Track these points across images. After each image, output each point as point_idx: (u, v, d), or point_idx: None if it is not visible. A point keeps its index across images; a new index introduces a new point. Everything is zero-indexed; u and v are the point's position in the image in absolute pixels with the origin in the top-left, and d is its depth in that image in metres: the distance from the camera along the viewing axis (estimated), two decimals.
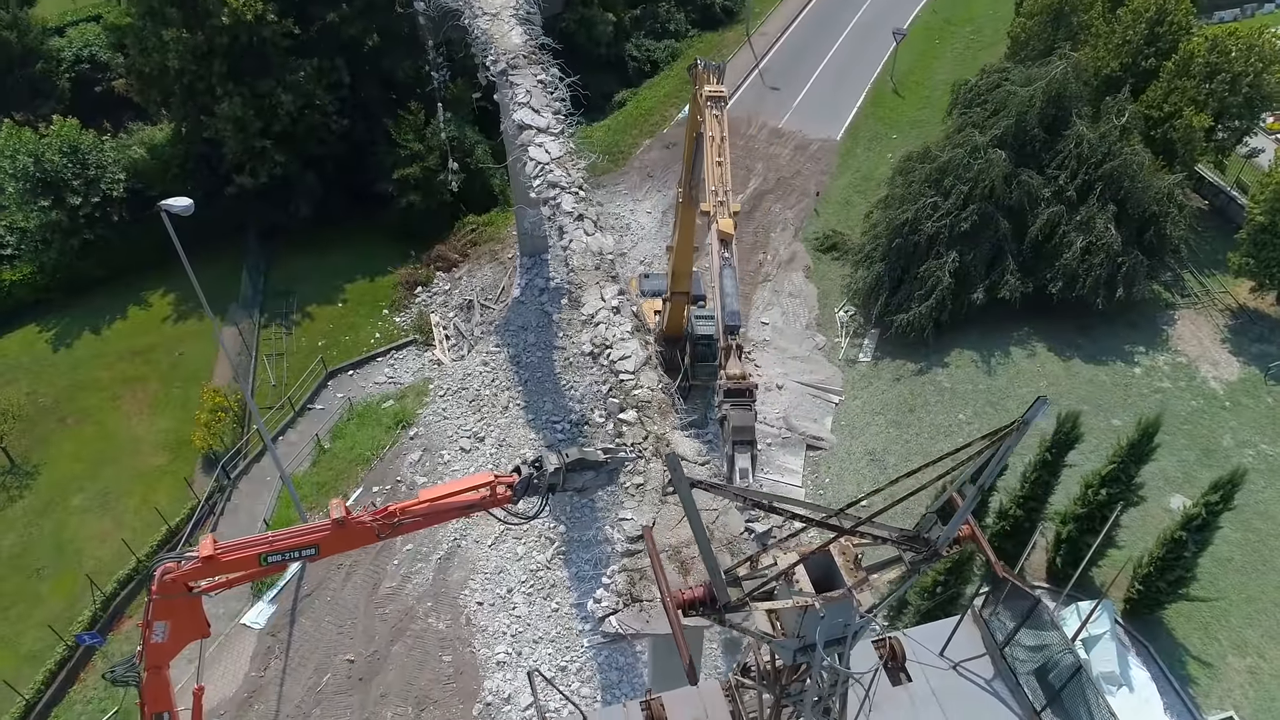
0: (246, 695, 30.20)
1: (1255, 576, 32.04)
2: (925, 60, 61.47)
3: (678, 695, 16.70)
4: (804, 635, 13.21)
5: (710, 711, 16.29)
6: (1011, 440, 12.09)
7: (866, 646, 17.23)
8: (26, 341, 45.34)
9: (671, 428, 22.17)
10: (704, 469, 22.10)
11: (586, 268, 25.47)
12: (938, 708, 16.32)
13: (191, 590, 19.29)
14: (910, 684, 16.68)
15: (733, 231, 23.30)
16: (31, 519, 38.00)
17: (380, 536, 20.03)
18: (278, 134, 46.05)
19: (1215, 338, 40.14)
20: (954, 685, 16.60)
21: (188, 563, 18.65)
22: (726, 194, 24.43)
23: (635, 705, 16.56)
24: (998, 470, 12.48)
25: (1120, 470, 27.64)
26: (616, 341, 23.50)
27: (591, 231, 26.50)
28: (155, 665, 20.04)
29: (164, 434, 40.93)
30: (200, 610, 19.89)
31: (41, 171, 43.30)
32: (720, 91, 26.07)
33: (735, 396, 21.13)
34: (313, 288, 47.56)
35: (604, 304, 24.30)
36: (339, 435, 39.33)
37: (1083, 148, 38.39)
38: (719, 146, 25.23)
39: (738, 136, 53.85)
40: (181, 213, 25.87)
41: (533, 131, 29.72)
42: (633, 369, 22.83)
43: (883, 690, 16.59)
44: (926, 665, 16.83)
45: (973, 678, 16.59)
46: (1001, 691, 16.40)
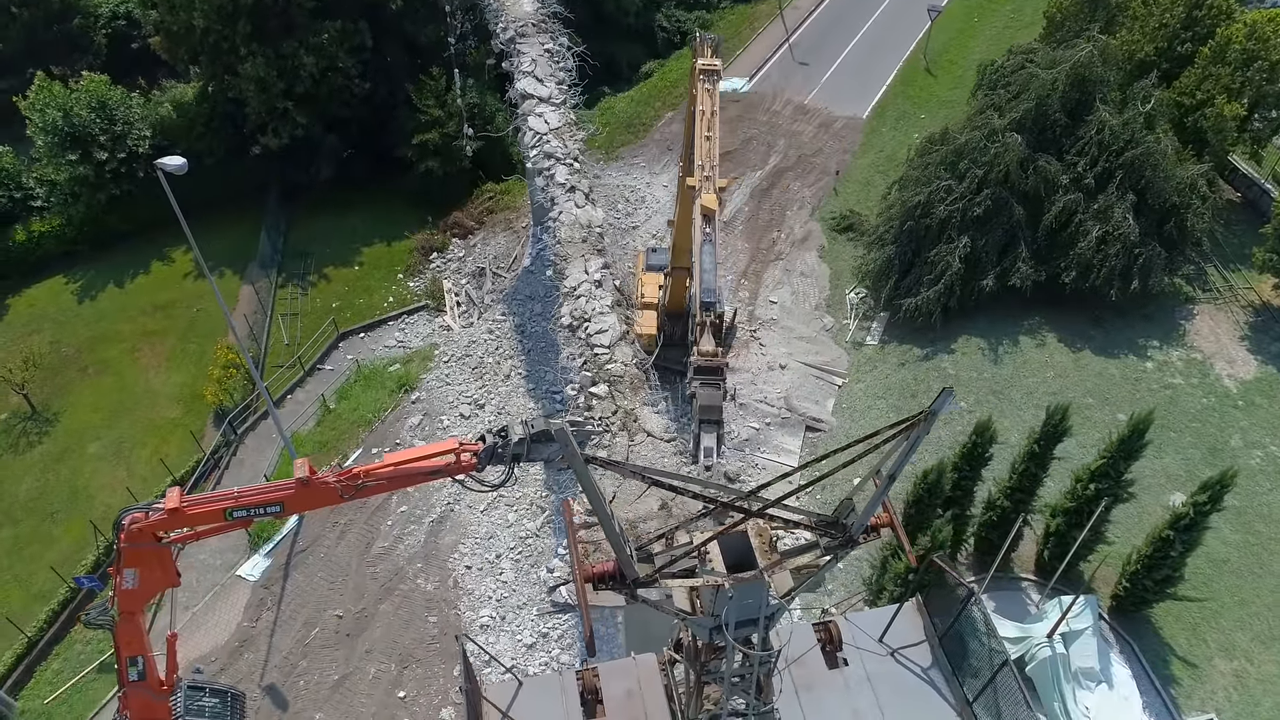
0: (238, 644, 31.07)
1: (1251, 579, 31.41)
2: (962, 39, 60.14)
3: (614, 666, 16.97)
4: (718, 614, 13.34)
5: (643, 683, 16.52)
6: (920, 430, 12.05)
7: (806, 629, 17.34)
8: (53, 292, 46.58)
9: (641, 403, 22.24)
10: (670, 445, 22.18)
11: (573, 240, 25.52)
12: (871, 692, 16.39)
13: (160, 540, 19.92)
14: (846, 668, 16.75)
15: (715, 207, 23.15)
16: (49, 464, 39.25)
17: (344, 498, 20.36)
18: (300, 95, 46.49)
19: (1234, 335, 39.12)
20: (891, 671, 16.65)
21: (155, 514, 19.23)
22: (713, 169, 24.25)
23: (571, 673, 16.85)
24: (907, 460, 12.43)
25: (1110, 466, 27.17)
26: (595, 315, 23.59)
27: (582, 204, 26.50)
28: (127, 611, 20.70)
29: (178, 388, 41.94)
30: (169, 560, 20.49)
31: (70, 126, 44.22)
32: (714, 65, 25.83)
33: (705, 374, 21.09)
34: (331, 249, 48.19)
35: (586, 277, 24.37)
36: (344, 396, 40.00)
37: (1104, 134, 37.40)
38: (709, 121, 25.03)
39: (761, 112, 53.44)
40: (176, 171, 26.31)
41: (534, 101, 29.73)
42: (608, 344, 22.93)
43: (818, 672, 16.73)
44: (865, 650, 16.86)
45: (910, 665, 16.61)
46: (937, 680, 16.40)
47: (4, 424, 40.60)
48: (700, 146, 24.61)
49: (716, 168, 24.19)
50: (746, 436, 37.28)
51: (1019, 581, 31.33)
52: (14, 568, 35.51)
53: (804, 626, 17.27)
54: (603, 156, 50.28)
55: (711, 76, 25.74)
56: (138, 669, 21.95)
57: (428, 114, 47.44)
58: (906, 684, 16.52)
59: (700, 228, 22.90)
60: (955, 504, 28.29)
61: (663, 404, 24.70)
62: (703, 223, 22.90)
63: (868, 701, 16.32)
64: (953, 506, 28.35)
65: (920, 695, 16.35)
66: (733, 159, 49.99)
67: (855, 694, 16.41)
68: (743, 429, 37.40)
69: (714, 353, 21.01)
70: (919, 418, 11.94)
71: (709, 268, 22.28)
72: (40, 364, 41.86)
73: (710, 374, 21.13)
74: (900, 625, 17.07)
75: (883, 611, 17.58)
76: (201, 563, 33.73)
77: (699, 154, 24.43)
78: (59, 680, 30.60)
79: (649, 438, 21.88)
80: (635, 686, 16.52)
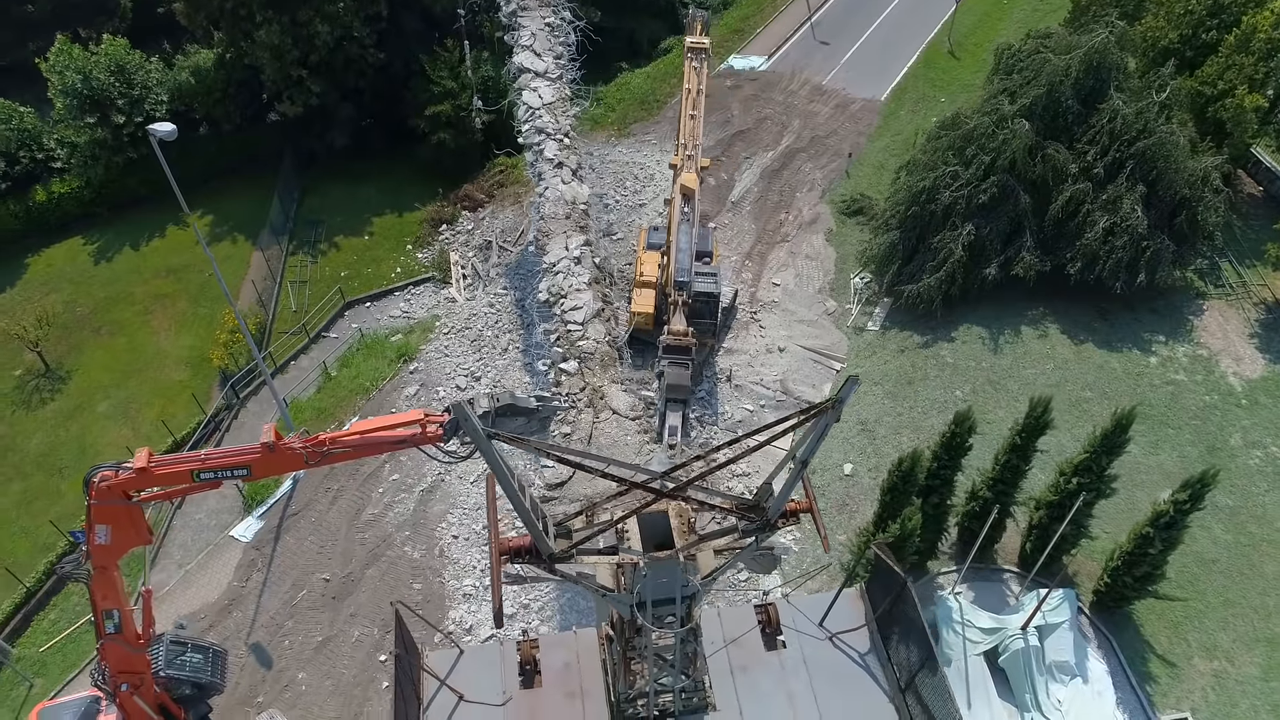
0: (227, 603, 31.82)
1: (1239, 580, 31.00)
2: (989, 22, 59.08)
3: (554, 639, 17.25)
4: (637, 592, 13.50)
5: (581, 657, 16.76)
6: (828, 418, 12.06)
7: (747, 610, 17.47)
8: (71, 253, 47.55)
9: (610, 381, 22.34)
10: (634, 424, 22.29)
11: (557, 216, 25.59)
12: (806, 675, 16.50)
13: (131, 499, 20.45)
14: (784, 650, 16.87)
15: (695, 187, 23.00)
16: (60, 421, 40.26)
17: (309, 464, 20.77)
18: (315, 64, 46.85)
19: (1243, 332, 38.36)
20: (827, 655, 16.75)
21: (124, 472, 19.73)
22: (696, 148, 24.10)
23: (511, 644, 17.13)
24: (818, 446, 12.45)
25: (1092, 460, 26.88)
26: (571, 292, 23.67)
27: (568, 180, 26.52)
28: (101, 565, 21.25)
29: (187, 350, 42.75)
30: (141, 518, 20.98)
31: (89, 89, 44.90)
32: (702, 44, 25.57)
33: (674, 353, 21.00)
34: (342, 218, 48.69)
35: (566, 254, 24.43)
36: (346, 364, 40.53)
37: (1116, 123, 36.65)
38: (694, 99, 24.84)
39: (777, 91, 52.97)
40: (166, 138, 26.69)
41: (530, 75, 29.71)
42: (582, 320, 23.01)
43: (755, 654, 16.88)
44: (804, 634, 16.96)
45: (847, 650, 16.67)
46: (872, 665, 16.46)
47: (18, 380, 41.66)
48: (684, 125, 24.49)
49: (699, 147, 24.05)
50: (740, 418, 37.25)
51: (1001, 573, 31.17)
52: (21, 520, 36.54)
53: (745, 608, 17.40)
54: (614, 133, 50.18)
55: (700, 55, 25.52)
56: (114, 622, 22.58)
57: (441, 86, 47.59)
58: (842, 668, 16.60)
59: (679, 207, 22.82)
60: (934, 493, 28.15)
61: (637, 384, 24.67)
62: (681, 202, 22.80)
63: (802, 684, 16.43)
64: (932, 495, 28.21)
65: (854, 680, 16.43)
66: (745, 139, 49.71)
67: (790, 676, 16.54)
68: (737, 410, 37.40)
69: (685, 332, 20.97)
70: (826, 405, 11.94)
71: (685, 247, 22.21)
72: (54, 323, 42.82)
73: (680, 353, 21.08)
74: (842, 611, 17.13)
75: (825, 597, 17.61)
76: (197, 522, 34.53)
77: (682, 132, 24.30)
78: (55, 630, 31.58)
79: (614, 415, 22.01)
80: (573, 659, 16.77)
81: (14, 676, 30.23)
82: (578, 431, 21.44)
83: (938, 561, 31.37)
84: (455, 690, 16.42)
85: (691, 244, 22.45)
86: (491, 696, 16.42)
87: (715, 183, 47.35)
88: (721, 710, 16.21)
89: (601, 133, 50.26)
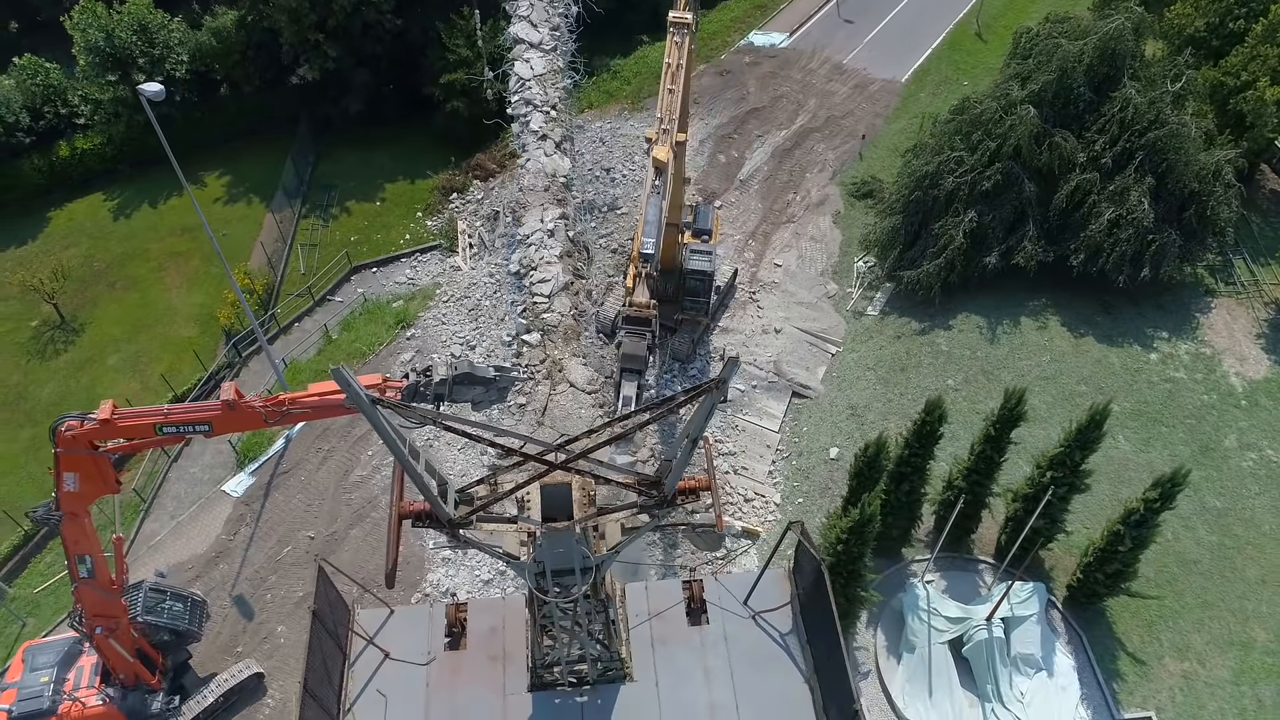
0: (214, 555, 32.73)
1: (1218, 582, 30.60)
2: (1020, 3, 57.91)
3: (483, 603, 17.61)
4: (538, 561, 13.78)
5: (508, 621, 17.11)
6: (711, 398, 12.16)
7: (675, 585, 17.70)
8: (92, 208, 48.65)
9: (571, 354, 22.54)
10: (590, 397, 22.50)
11: (536, 188, 25.70)
12: (725, 651, 16.72)
13: (97, 449, 21.15)
14: (707, 626, 17.08)
15: (666, 160, 22.93)
16: (71, 372, 41.45)
17: (268, 422, 21.41)
18: (333, 28, 47.17)
19: (1250, 331, 37.52)
20: (749, 634, 16.93)
21: (89, 423, 20.41)
22: (672, 123, 24.00)
23: (440, 606, 17.53)
24: (704, 425, 12.56)
25: (1066, 455, 26.62)
26: (541, 264, 23.84)
27: (551, 152, 26.61)
28: (71, 511, 22.04)
29: (197, 308, 43.67)
30: (108, 468, 21.73)
31: (111, 47, 45.70)
32: (684, 19, 25.33)
33: (633, 324, 21.09)
34: (355, 184, 49.22)
35: (541, 226, 24.58)
36: (347, 328, 41.17)
37: (1128, 112, 35.84)
38: (673, 74, 24.72)
39: (796, 69, 52.42)
40: (153, 98, 27.15)
41: (524, 46, 29.75)
42: (549, 293, 23.18)
43: (678, 628, 17.12)
44: (728, 611, 17.15)
45: (769, 629, 16.84)
46: (792, 646, 16.63)
47: (34, 331, 42.90)
48: (662, 99, 24.38)
49: (676, 122, 23.94)
50: (731, 398, 37.27)
51: (976, 563, 31.09)
52: (29, 466, 37.78)
53: (673, 583, 17.63)
54: (627, 106, 50.06)
55: (682, 30, 25.31)
56: (87, 566, 23.43)
57: (456, 54, 47.67)
58: (761, 647, 16.77)
59: (650, 180, 22.80)
60: (906, 480, 28.07)
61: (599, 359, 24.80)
62: (653, 175, 22.78)
63: (720, 660, 16.64)
64: (904, 482, 28.15)
65: (772, 659, 16.59)
66: (759, 116, 49.33)
67: (709, 652, 16.75)
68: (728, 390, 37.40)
69: (646, 304, 21.02)
70: (710, 385, 12.05)
71: (652, 219, 22.20)
72: (70, 276, 43.95)
73: (639, 324, 21.14)
74: (769, 591, 17.28)
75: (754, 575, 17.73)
76: (192, 476, 35.47)
77: (660, 107, 24.21)
78: (50, 573, 32.73)
79: (571, 388, 22.23)
80: (500, 624, 17.14)
81: (8, 615, 31.42)
82: (533, 402, 21.72)
83: (913, 549, 31.32)
84: (381, 648, 16.88)
85: (660, 218, 22.44)
86: (417, 656, 16.86)
87: (725, 160, 47.19)
88: (638, 681, 16.51)
89: (614, 105, 50.20)
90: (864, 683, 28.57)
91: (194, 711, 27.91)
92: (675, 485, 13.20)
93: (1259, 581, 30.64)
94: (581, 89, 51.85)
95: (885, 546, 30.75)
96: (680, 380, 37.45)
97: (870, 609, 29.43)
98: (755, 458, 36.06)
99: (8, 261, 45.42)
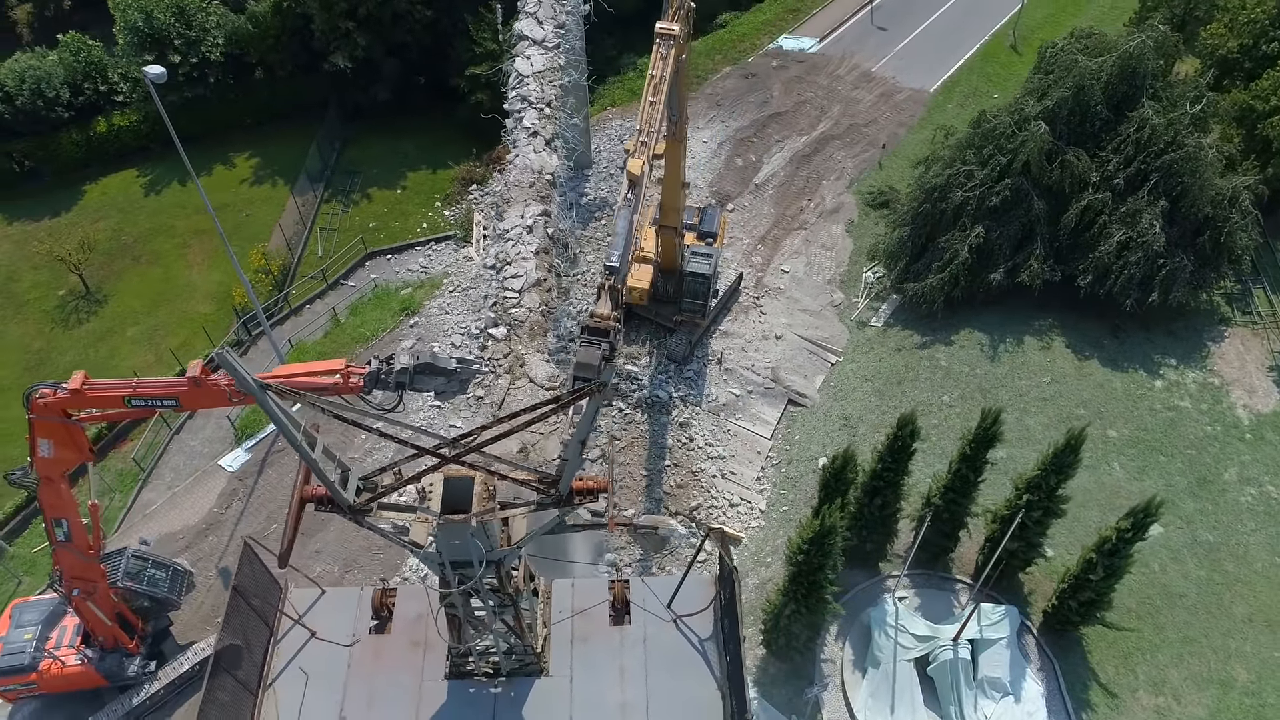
0: (204, 527, 33.60)
1: (1203, 617, 29.87)
2: (1062, 18, 56.70)
3: (411, 590, 17.93)
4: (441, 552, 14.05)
5: (435, 609, 17.35)
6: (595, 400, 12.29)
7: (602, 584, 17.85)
8: (125, 183, 50.10)
9: (534, 350, 22.76)
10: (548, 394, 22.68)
11: (521, 184, 25.95)
12: (643, 653, 16.83)
13: (70, 417, 21.87)
14: (628, 627, 17.22)
15: (639, 174, 22.94)
16: (91, 341, 42.80)
17: (233, 401, 21.95)
18: (363, 17, 48.00)
19: (1262, 364, 36.49)
20: (668, 636, 17.03)
21: (61, 392, 21.11)
22: (651, 135, 23.97)
23: (369, 591, 17.89)
24: (590, 426, 12.68)
25: (1041, 478, 26.20)
26: (515, 259, 24.08)
27: (540, 149, 26.84)
28: (46, 476, 22.82)
29: (215, 286, 44.78)
30: (81, 436, 22.46)
31: (149, 27, 47.09)
32: (669, 30, 25.24)
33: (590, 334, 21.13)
34: (378, 171, 50.06)
35: (520, 222, 24.81)
36: (355, 312, 41.92)
37: (1144, 133, 35.03)
38: (655, 86, 24.70)
39: (823, 75, 52.04)
40: (155, 80, 27.90)
41: (527, 43, 30.01)
42: (519, 289, 23.41)
43: (600, 627, 17.29)
44: (651, 614, 17.26)
45: (688, 633, 16.92)
46: (709, 651, 16.68)
47: (60, 300, 44.36)
48: (642, 111, 24.37)
49: (655, 134, 23.91)
50: (725, 401, 37.37)
51: (954, 582, 30.72)
52: None
53: (600, 581, 17.78)
54: None
55: (667, 41, 25.19)
56: (64, 530, 24.23)
57: (482, 46, 48.22)
58: (679, 650, 16.84)
59: (623, 193, 22.85)
60: (879, 494, 27.86)
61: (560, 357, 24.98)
62: (626, 188, 22.83)
63: (636, 661, 16.75)
64: (877, 496, 27.94)
65: (688, 663, 16.65)
66: (780, 121, 49.11)
67: (627, 652, 16.87)
68: (722, 394, 37.50)
69: (607, 316, 21.02)
70: (592, 388, 12.18)
71: (620, 232, 22.22)
72: (98, 248, 45.29)
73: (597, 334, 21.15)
74: (693, 595, 17.34)
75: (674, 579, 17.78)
76: (191, 449, 36.42)
77: (640, 119, 24.20)
78: None
79: (530, 384, 22.45)
80: (426, 611, 17.42)
81: (5, 573, 32.62)
82: (491, 396, 21.96)
83: (890, 564, 31.06)
84: (308, 627, 17.29)
85: (630, 231, 22.40)
86: (342, 637, 17.23)
87: (742, 163, 47.08)
88: (554, 676, 16.70)
89: (635, 103, 50.19)
90: (827, 695, 28.44)
91: (170, 677, 28.74)
92: (569, 484, 13.35)
93: (1245, 619, 29.85)
94: (606, 86, 52.15)
95: (861, 560, 30.58)
96: (675, 381, 37.55)
97: (838, 621, 29.30)
98: (745, 463, 36.03)
99: (41, 231, 46.98)
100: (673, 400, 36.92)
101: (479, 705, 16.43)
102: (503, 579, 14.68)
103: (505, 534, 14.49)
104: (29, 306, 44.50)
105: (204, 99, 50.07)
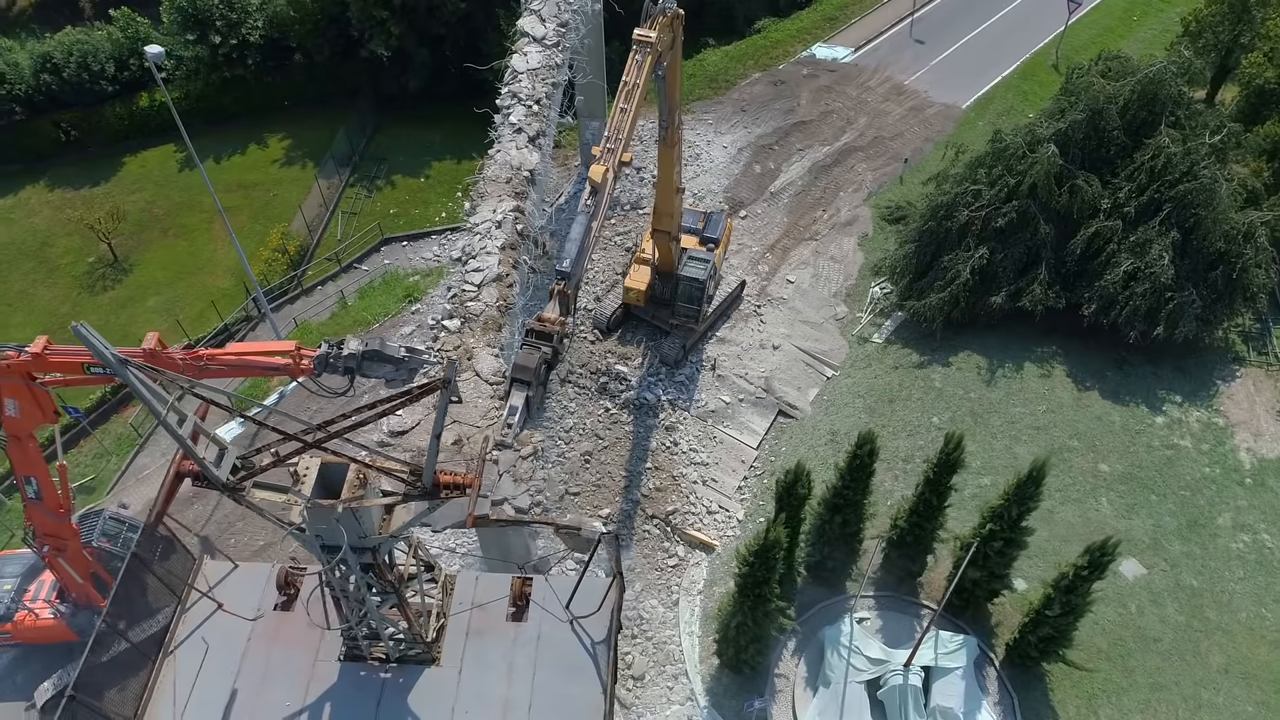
0: (190, 496, 34.48)
1: (1176, 664, 28.89)
2: (1109, 38, 55.07)
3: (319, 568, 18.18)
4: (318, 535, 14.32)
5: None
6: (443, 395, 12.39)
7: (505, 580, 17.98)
8: (163, 158, 51.72)
9: (485, 345, 22.93)
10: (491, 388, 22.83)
11: (498, 179, 26.17)
12: (534, 652, 16.91)
13: (35, 380, 22.72)
14: (525, 624, 17.31)
15: (600, 180, 22.84)
16: (114, 309, 44.31)
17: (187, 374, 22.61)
18: (398, 7, 48.83)
19: (1272, 407, 35.08)
20: (562, 637, 17.08)
21: (23, 356, 21.94)
22: (619, 142, 23.87)
23: (278, 569, 18.26)
24: (442, 422, 12.79)
25: (1004, 509, 25.61)
26: (480, 254, 24.30)
27: (522, 146, 27.04)
28: (14, 435, 23.75)
29: (235, 262, 45.72)
30: (47, 399, 23.31)
31: (193, 8, 48.52)
32: (646, 37, 25.04)
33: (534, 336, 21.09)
34: (405, 159, 50.87)
35: (490, 217, 25.04)
36: (363, 296, 42.71)
37: (1159, 161, 33.94)
38: (628, 93, 24.59)
39: (853, 85, 51.40)
40: (155, 60, 28.74)
41: (526, 40, 30.25)
42: (478, 283, 23.62)
43: (496, 622, 17.43)
44: (549, 613, 17.33)
45: (583, 635, 16.94)
46: (600, 656, 16.68)
47: (89, 266, 45.99)
48: (612, 118, 24.25)
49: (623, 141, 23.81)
50: (714, 408, 37.22)
51: (919, 607, 30.17)
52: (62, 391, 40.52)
53: (504, 578, 17.88)
54: None
55: (643, 48, 25.00)
56: (33, 488, 25.18)
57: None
58: (571, 651, 16.85)
59: (583, 199, 22.82)
60: (840, 512, 27.51)
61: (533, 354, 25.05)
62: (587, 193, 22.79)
63: (527, 658, 16.82)
64: (837, 515, 27.59)
65: (578, 665, 16.65)
66: (804, 130, 48.65)
67: (518, 649, 16.94)
68: (713, 400, 37.35)
69: (553, 320, 20.96)
70: (437, 384, 12.29)
71: (575, 238, 22.17)
72: (127, 219, 46.83)
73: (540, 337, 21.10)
74: (594, 598, 17.34)
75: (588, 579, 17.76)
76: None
77: (609, 125, 24.10)
78: None
79: (476, 377, 22.62)
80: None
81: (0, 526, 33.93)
82: None
83: (855, 584, 30.63)
84: (214, 599, 17.72)
85: (587, 238, 22.28)
86: (247, 611, 17.62)
87: (760, 170, 46.77)
88: (443, 667, 16.86)
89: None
90: (776, 710, 28.18)
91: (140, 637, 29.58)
92: (431, 477, 13.50)
93: (1221, 670, 28.79)
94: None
95: (825, 578, 30.25)
96: (665, 385, 37.51)
97: (796, 638, 29.03)
98: (728, 471, 35.86)
99: (78, 200, 48.75)
100: (661, 403, 36.89)
101: (367, 689, 16.68)
102: (381, 565, 14.88)
103: (386, 521, 14.70)
104: (60, 271, 46.23)
105: (243, 79, 51.42)
